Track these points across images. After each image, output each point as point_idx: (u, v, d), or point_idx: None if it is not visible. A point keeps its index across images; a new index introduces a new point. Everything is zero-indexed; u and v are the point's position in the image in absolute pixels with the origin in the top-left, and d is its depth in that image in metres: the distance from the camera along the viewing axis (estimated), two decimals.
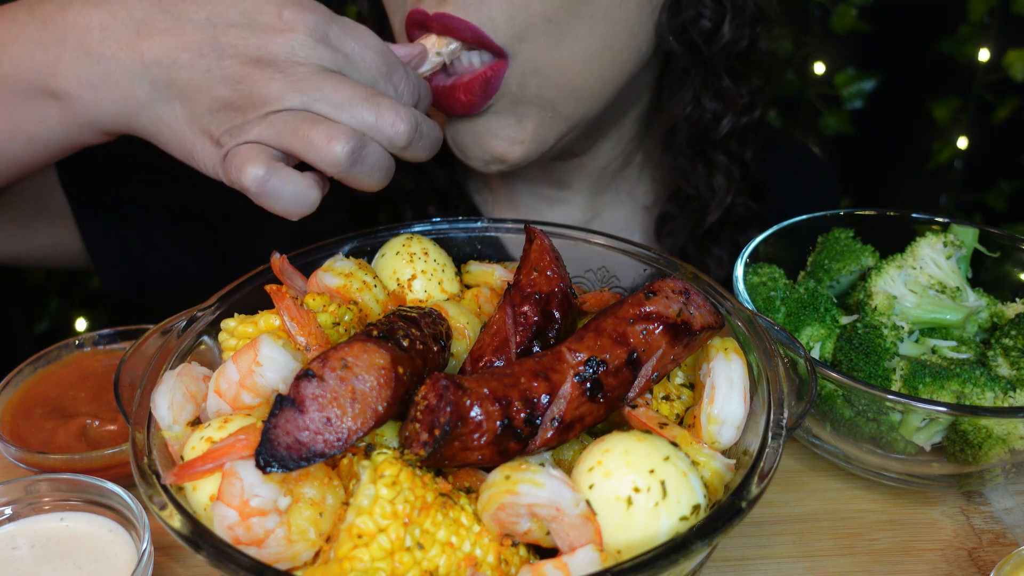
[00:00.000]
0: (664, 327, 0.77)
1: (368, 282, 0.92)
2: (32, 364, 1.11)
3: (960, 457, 0.97)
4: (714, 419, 0.77)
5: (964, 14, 2.69)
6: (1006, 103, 2.78)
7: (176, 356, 0.85)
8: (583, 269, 1.04)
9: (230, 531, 0.66)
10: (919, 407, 0.92)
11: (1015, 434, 0.94)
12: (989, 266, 1.20)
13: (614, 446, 0.70)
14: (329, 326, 0.84)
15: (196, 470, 0.70)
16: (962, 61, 2.75)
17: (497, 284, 0.98)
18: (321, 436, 0.66)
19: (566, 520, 0.66)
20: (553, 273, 0.86)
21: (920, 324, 1.09)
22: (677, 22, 1.19)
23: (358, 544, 0.64)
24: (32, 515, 0.92)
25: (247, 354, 0.77)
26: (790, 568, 0.95)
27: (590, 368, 0.74)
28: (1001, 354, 1.04)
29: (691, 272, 0.95)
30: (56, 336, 2.80)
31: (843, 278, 1.18)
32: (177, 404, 0.78)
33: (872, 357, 1.01)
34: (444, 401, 0.67)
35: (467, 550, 0.67)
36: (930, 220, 1.22)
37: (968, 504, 1.03)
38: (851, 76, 2.78)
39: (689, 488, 0.68)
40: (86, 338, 1.15)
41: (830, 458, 1.06)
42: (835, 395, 0.97)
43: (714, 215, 1.34)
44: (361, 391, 0.68)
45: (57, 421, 1.04)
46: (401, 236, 1.00)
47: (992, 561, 0.95)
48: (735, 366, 0.79)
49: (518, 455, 0.72)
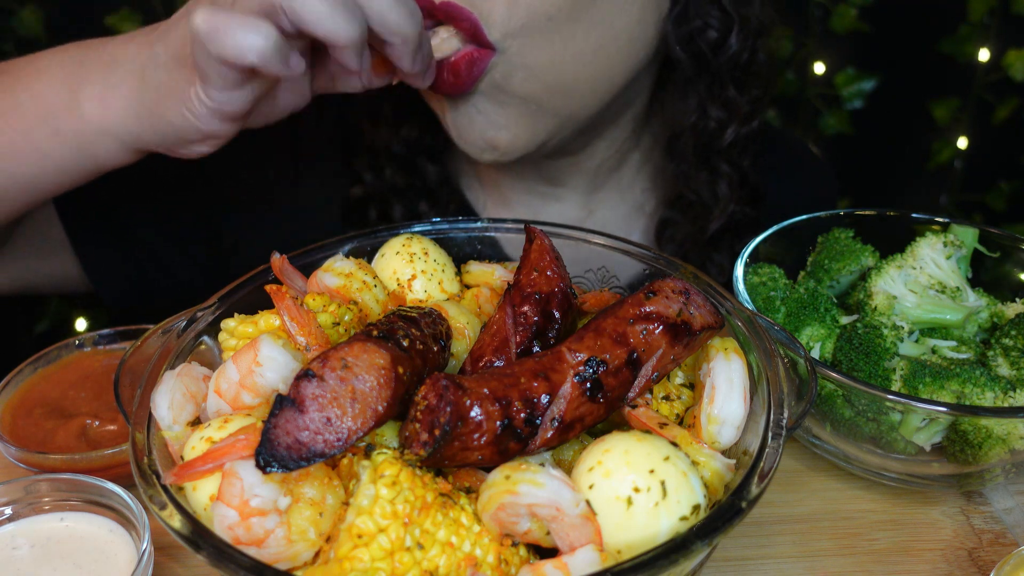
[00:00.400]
0: (664, 327, 0.77)
1: (368, 282, 0.92)
2: (32, 364, 1.11)
3: (960, 457, 0.97)
4: (714, 419, 0.77)
5: (964, 14, 2.69)
6: (1006, 103, 2.78)
7: (176, 356, 0.85)
8: (583, 269, 1.04)
9: (230, 531, 0.66)
10: (919, 407, 0.92)
11: (1015, 434, 0.94)
12: (989, 266, 1.20)
13: (614, 446, 0.70)
14: (329, 326, 0.84)
15: (196, 470, 0.70)
16: (962, 61, 2.75)
17: (497, 284, 0.98)
18: (321, 436, 0.66)
19: (566, 520, 0.66)
20: (553, 273, 0.86)
21: (920, 324, 1.09)
22: (684, 31, 1.21)
23: (358, 544, 0.64)
24: (32, 515, 0.92)
25: (247, 354, 0.77)
26: (790, 568, 0.95)
27: (590, 368, 0.74)
28: (1001, 354, 1.04)
29: (691, 272, 0.95)
30: (56, 336, 2.80)
31: (843, 278, 1.18)
32: (177, 404, 0.78)
33: (872, 357, 1.01)
34: (444, 401, 0.67)
35: (467, 550, 0.67)
36: (930, 220, 1.22)
37: (968, 504, 1.03)
38: (851, 76, 2.78)
39: (689, 488, 0.68)
40: (86, 338, 1.15)
41: (830, 458, 1.06)
42: (835, 395, 0.97)
43: (717, 222, 1.35)
44: (361, 391, 0.68)
45: (57, 421, 1.05)
46: (401, 236, 1.00)
47: (992, 561, 0.95)
48: (735, 366, 0.79)
49: (518, 455, 0.72)
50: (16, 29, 2.52)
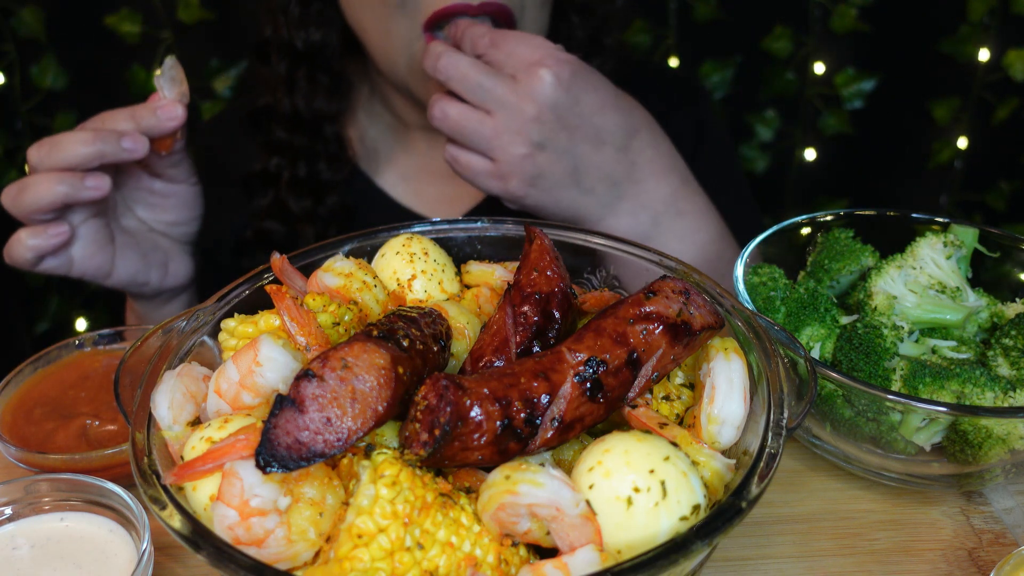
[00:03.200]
0: (664, 327, 0.77)
1: (368, 282, 0.92)
2: (32, 364, 1.11)
3: (960, 457, 0.97)
4: (714, 419, 0.77)
5: (964, 14, 2.69)
6: (1006, 103, 2.77)
7: (176, 356, 0.85)
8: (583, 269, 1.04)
9: (230, 531, 0.66)
10: (919, 407, 0.92)
11: (1015, 434, 0.94)
12: (989, 266, 1.20)
13: (614, 446, 0.70)
14: (329, 326, 0.84)
15: (196, 470, 0.70)
16: (962, 61, 2.75)
17: (497, 284, 0.98)
18: (321, 436, 0.66)
19: (566, 520, 0.66)
20: (553, 273, 0.86)
21: (920, 324, 1.09)
22: None
23: (358, 544, 0.64)
24: (32, 515, 0.92)
25: (247, 354, 0.77)
26: (790, 568, 0.95)
27: (590, 368, 0.74)
28: (1001, 354, 1.04)
29: (691, 272, 0.95)
30: (56, 336, 2.80)
31: (843, 278, 1.18)
32: (177, 404, 0.78)
33: (872, 357, 1.01)
34: (444, 401, 0.67)
35: (467, 550, 0.67)
36: (930, 220, 1.22)
37: (968, 504, 1.03)
38: (851, 76, 2.78)
39: (689, 488, 0.68)
40: (86, 338, 1.15)
41: (830, 458, 1.06)
42: (835, 395, 0.97)
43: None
44: (361, 391, 0.68)
45: (57, 421, 1.05)
46: (401, 236, 1.00)
47: (992, 561, 0.95)
48: (735, 366, 0.79)
49: (518, 455, 0.72)
50: (16, 29, 2.53)
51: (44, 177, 1.21)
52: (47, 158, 1.22)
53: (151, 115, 1.25)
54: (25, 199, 1.21)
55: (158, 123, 1.25)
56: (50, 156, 1.22)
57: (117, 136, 1.22)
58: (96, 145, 1.21)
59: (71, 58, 2.58)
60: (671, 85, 1.89)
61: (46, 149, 1.22)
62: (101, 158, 1.21)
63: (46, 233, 1.24)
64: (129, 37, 2.56)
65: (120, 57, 2.58)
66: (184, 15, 2.55)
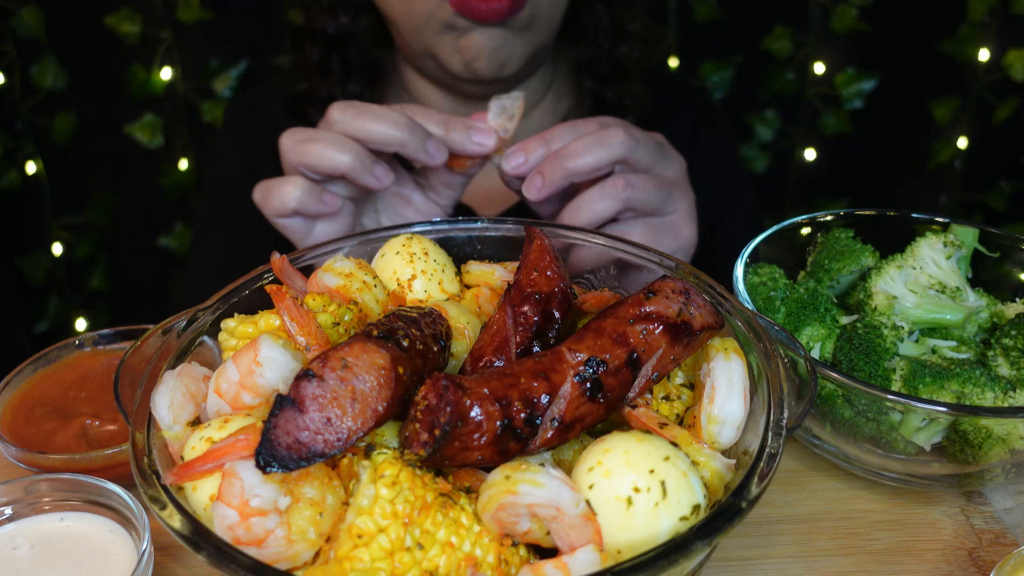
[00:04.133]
0: (664, 327, 0.77)
1: (368, 282, 0.92)
2: (32, 364, 1.11)
3: (960, 457, 0.97)
4: (714, 419, 0.77)
5: (964, 14, 2.69)
6: (1006, 103, 2.77)
7: (176, 356, 0.85)
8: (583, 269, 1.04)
9: (230, 531, 0.66)
10: (919, 407, 0.92)
11: (1015, 434, 0.94)
12: (989, 266, 1.20)
13: (614, 446, 0.70)
14: (329, 326, 0.84)
15: (196, 470, 0.70)
16: (962, 61, 2.75)
17: (497, 284, 0.98)
18: (321, 436, 0.66)
19: (566, 520, 0.66)
20: (553, 273, 0.86)
21: (920, 324, 1.09)
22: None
23: (358, 544, 0.64)
24: (32, 515, 0.92)
25: (247, 354, 0.77)
26: (790, 568, 0.95)
27: (590, 368, 0.74)
28: (1001, 354, 1.04)
29: (691, 272, 0.95)
30: (56, 336, 2.80)
31: (843, 278, 1.18)
32: (177, 404, 0.78)
33: (872, 357, 1.01)
34: (444, 401, 0.67)
35: (467, 550, 0.67)
36: (930, 220, 1.22)
37: (968, 504, 1.03)
38: (851, 76, 2.78)
39: (689, 488, 0.68)
40: (86, 338, 1.15)
41: (830, 458, 1.06)
42: (835, 395, 0.97)
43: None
44: (361, 391, 0.68)
45: (57, 421, 1.05)
46: (401, 236, 1.00)
47: (992, 561, 0.95)
48: (735, 366, 0.79)
49: (518, 455, 0.72)
50: (16, 29, 2.53)
51: (338, 140, 1.15)
52: (351, 122, 1.15)
53: (464, 131, 1.20)
54: (311, 151, 1.15)
55: (466, 142, 1.20)
56: (354, 121, 1.15)
57: (425, 135, 1.17)
58: (405, 132, 1.15)
59: (71, 58, 2.58)
60: (675, 89, 1.91)
61: (352, 113, 1.16)
62: (401, 147, 1.16)
63: (321, 197, 1.19)
64: (129, 37, 2.56)
65: (120, 57, 2.58)
66: (184, 15, 2.55)
